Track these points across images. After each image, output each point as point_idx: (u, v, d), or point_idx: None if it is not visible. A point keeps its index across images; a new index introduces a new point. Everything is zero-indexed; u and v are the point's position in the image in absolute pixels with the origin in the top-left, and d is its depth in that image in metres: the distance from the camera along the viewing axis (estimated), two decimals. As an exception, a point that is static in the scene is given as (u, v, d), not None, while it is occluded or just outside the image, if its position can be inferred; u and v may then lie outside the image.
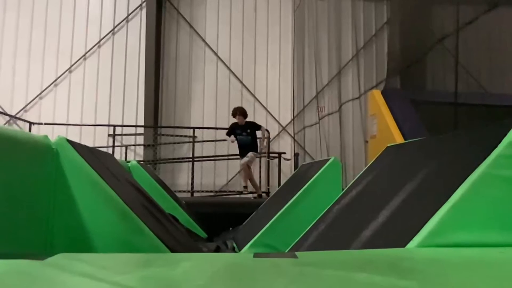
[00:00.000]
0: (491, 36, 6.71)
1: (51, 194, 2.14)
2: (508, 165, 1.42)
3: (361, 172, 2.76)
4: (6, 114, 8.77)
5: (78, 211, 2.17)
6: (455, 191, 1.44)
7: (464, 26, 6.17)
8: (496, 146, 1.46)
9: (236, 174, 9.62)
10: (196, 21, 10.02)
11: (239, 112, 6.54)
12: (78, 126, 9.01)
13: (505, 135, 1.45)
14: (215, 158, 9.36)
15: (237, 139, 6.59)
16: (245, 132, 6.54)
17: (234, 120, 6.75)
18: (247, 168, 6.64)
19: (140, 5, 9.74)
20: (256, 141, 6.68)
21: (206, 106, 9.74)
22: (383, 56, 9.73)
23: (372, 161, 2.81)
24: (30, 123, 8.20)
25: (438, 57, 6.73)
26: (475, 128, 1.92)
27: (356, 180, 2.70)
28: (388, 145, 2.82)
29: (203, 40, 9.94)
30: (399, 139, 5.44)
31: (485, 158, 1.46)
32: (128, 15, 9.76)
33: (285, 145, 9.97)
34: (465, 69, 6.33)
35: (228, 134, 6.68)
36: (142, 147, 9.34)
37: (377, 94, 6.72)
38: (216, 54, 9.94)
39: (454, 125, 5.62)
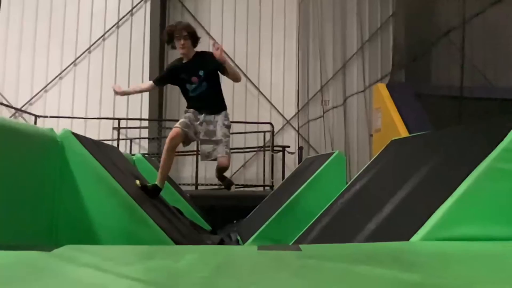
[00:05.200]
0: (498, 29, 6.63)
1: (57, 186, 2.16)
2: (512, 159, 1.41)
3: (366, 166, 2.76)
4: (11, 107, 8.79)
5: (83, 203, 2.19)
6: (459, 185, 1.43)
7: (471, 19, 6.10)
8: (501, 140, 1.45)
9: (240, 167, 9.63)
10: (201, 14, 9.97)
11: (186, 31, 3.24)
12: (83, 119, 9.02)
13: (510, 129, 1.44)
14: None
15: (187, 92, 3.44)
16: (195, 76, 3.34)
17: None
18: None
19: (145, -2, 9.72)
20: (221, 90, 3.52)
21: (210, 99, 9.71)
22: (388, 49, 9.63)
23: (376, 155, 2.81)
24: (36, 116, 8.20)
25: (444, 50, 6.66)
26: (480, 122, 1.91)
27: (360, 173, 2.70)
28: (393, 138, 2.82)
29: (208, 33, 9.89)
30: (403, 133, 5.41)
31: (489, 152, 1.45)
32: (133, 8, 9.73)
33: (289, 138, 9.95)
34: (471, 62, 6.27)
35: (157, 82, 3.62)
36: (146, 140, 9.35)
37: (382, 87, 6.67)
38: (220, 47, 9.90)
39: (459, 119, 5.58)
